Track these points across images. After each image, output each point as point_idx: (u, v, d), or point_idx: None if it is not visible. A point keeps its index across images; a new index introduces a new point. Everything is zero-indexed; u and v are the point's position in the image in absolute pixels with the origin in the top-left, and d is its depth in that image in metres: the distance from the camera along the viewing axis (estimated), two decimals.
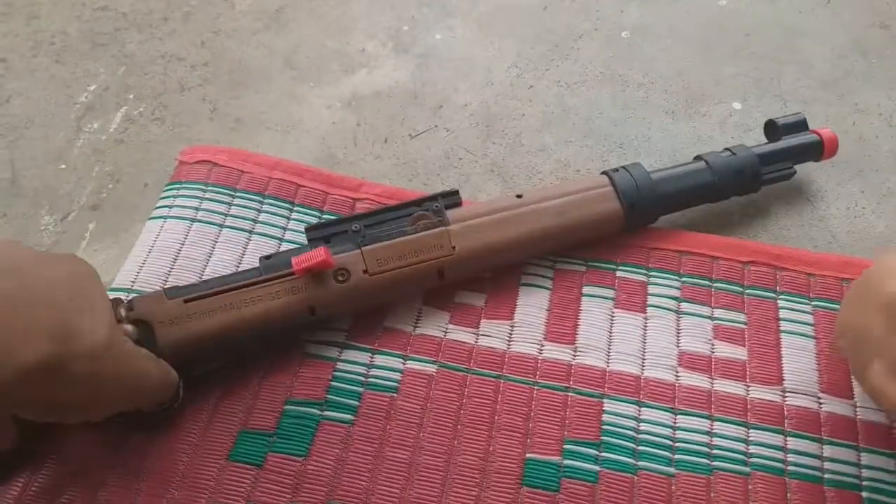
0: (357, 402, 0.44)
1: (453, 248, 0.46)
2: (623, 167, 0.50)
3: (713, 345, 0.47)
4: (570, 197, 0.48)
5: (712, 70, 0.63)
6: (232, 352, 0.44)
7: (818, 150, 0.53)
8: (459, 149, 0.58)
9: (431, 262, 0.45)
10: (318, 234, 0.46)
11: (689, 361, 0.46)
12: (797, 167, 0.53)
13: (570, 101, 0.61)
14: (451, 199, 0.48)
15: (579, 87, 0.62)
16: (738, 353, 0.46)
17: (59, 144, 0.58)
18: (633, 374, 0.45)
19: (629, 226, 0.49)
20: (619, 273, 0.50)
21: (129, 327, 0.41)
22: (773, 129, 0.53)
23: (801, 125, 0.53)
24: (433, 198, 0.47)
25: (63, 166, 0.57)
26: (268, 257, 0.45)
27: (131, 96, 0.62)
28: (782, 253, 0.50)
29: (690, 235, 0.51)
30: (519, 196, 0.48)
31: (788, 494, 0.41)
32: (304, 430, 0.43)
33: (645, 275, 0.50)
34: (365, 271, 0.44)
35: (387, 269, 0.45)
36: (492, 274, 0.50)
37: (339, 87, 0.62)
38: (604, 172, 0.50)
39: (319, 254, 0.43)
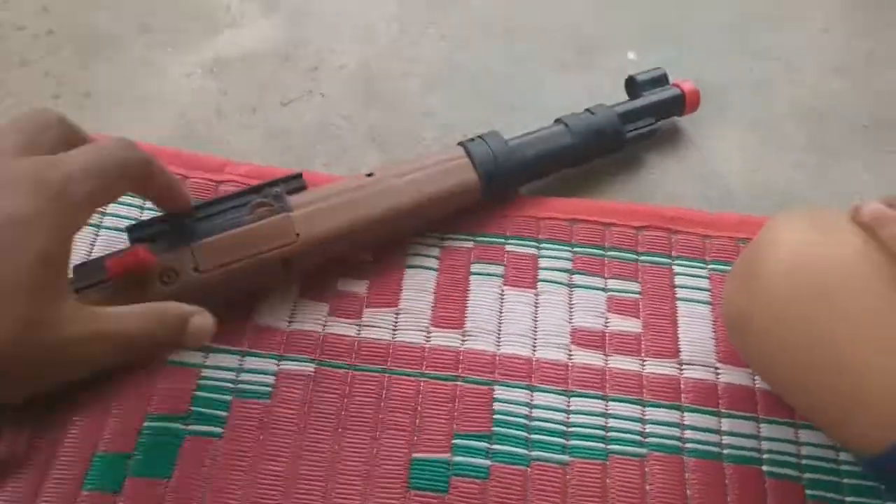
0: (226, 413, 0.40)
1: (297, 235, 0.41)
2: (480, 136, 0.47)
3: (607, 318, 0.44)
4: (424, 171, 0.45)
5: (605, 17, 0.60)
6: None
7: (680, 103, 0.51)
8: (336, 116, 0.53)
9: (273, 252, 0.41)
10: (142, 234, 0.40)
11: (582, 338, 0.43)
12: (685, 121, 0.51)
13: (457, 59, 0.57)
14: (294, 183, 0.43)
15: (466, 42, 0.58)
16: (633, 325, 0.44)
17: None
18: (524, 357, 0.43)
19: (486, 195, 0.47)
20: (508, 247, 0.47)
21: None
22: (632, 86, 0.51)
23: (661, 80, 0.51)
24: (273, 183, 0.42)
25: None
26: (81, 265, 0.39)
27: None
28: (677, 215, 0.48)
29: (581, 202, 0.48)
30: (370, 174, 0.44)
31: (686, 474, 0.39)
32: (167, 449, 0.39)
33: (535, 247, 0.47)
34: (196, 269, 0.39)
35: (222, 265, 0.39)
36: (373, 257, 0.46)
37: (201, 51, 0.56)
38: (460, 143, 0.47)
39: (136, 254, 0.37)
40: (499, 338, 0.43)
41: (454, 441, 0.40)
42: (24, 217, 0.28)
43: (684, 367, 0.43)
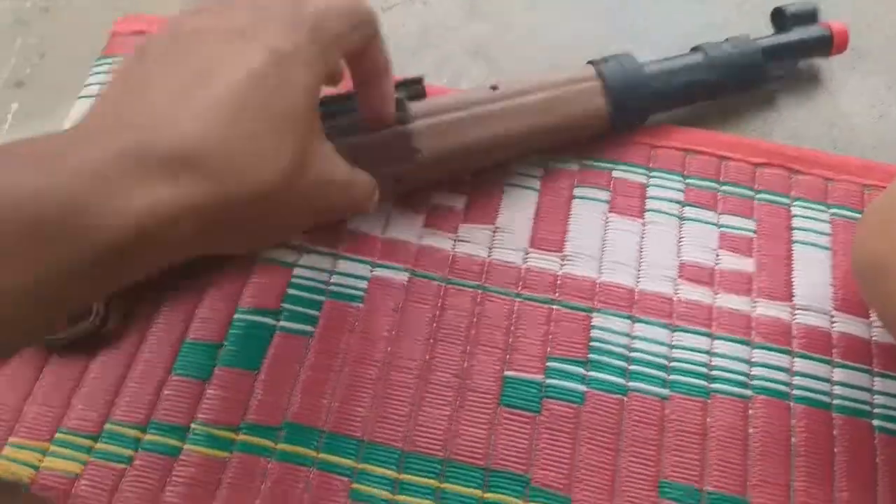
0: (317, 312, 0.39)
1: (417, 150, 0.38)
2: (613, 57, 0.43)
3: (718, 255, 0.42)
4: (553, 91, 0.41)
5: None
6: None
7: (827, 44, 0.47)
8: (439, 25, 0.50)
9: (387, 170, 0.38)
10: None
11: (691, 273, 0.41)
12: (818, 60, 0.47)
13: None
14: (414, 88, 0.40)
15: None
16: (745, 264, 0.41)
17: None
18: (626, 287, 0.41)
19: (616, 125, 0.44)
20: (615, 173, 0.44)
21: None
22: (780, 18, 0.47)
23: (811, 16, 0.47)
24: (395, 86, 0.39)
25: None
26: None
27: None
28: (799, 154, 0.45)
29: (698, 133, 0.45)
30: (494, 87, 0.41)
31: (792, 421, 0.37)
32: (257, 342, 0.39)
33: (645, 175, 0.44)
34: None
35: None
36: (472, 173, 0.44)
37: None
38: (591, 62, 0.43)
39: None
40: (600, 265, 0.41)
41: (548, 363, 0.38)
42: (286, 52, 0.28)
43: (797, 311, 0.40)
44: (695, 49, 0.45)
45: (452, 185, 0.43)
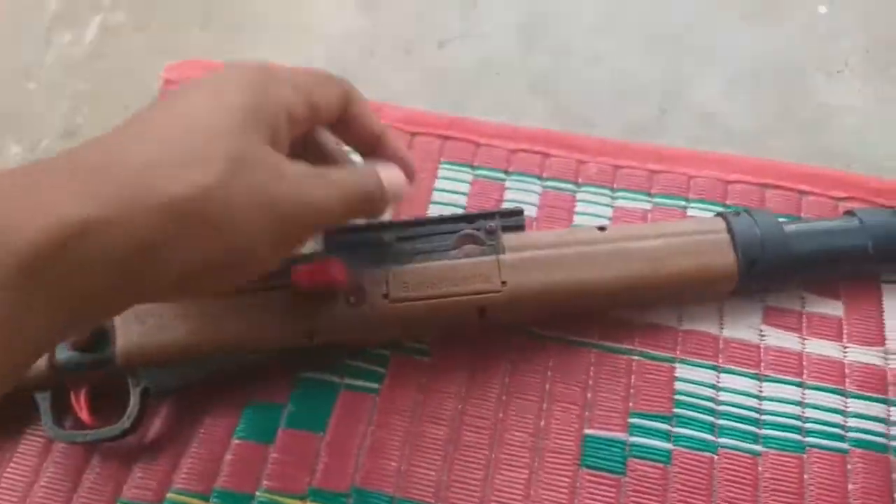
0: (384, 369, 0.38)
1: (503, 283, 0.35)
2: (746, 210, 0.38)
3: (804, 297, 0.39)
4: (669, 239, 0.37)
5: None
6: (206, 370, 0.36)
7: None
8: (496, 59, 0.49)
9: (472, 297, 0.35)
10: (340, 241, 0.36)
11: (776, 318, 0.39)
12: None
13: (628, 1, 0.52)
14: (513, 220, 0.37)
15: None
16: (833, 307, 0.39)
17: (27, 61, 0.50)
18: (710, 334, 0.38)
19: (744, 288, 0.38)
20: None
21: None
22: None
23: None
24: (490, 215, 0.37)
25: (32, 86, 0.49)
26: None
27: (108, 2, 0.53)
28: (882, 187, 0.42)
29: (775, 165, 0.43)
30: (602, 229, 0.37)
31: (893, 475, 0.35)
32: (322, 402, 0.37)
33: (722, 210, 0.42)
34: (385, 296, 0.35)
35: (413, 298, 0.35)
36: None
37: None
38: (719, 214, 0.39)
39: (331, 268, 0.34)
40: (681, 311, 0.39)
41: (630, 420, 0.36)
42: (226, 78, 0.29)
43: (890, 356, 0.38)
44: (848, 213, 0.40)
45: None
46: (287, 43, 0.50)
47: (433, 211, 0.42)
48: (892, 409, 0.36)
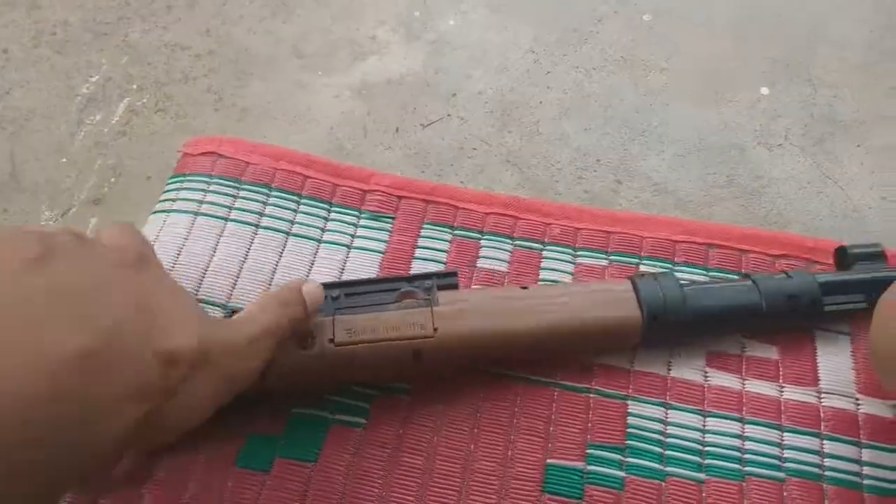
0: (368, 405, 0.42)
1: (435, 329, 0.40)
2: (651, 275, 0.43)
3: (743, 344, 0.44)
4: (583, 295, 0.42)
5: (740, 54, 0.61)
6: None
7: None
8: (474, 138, 0.55)
9: (407, 342, 0.40)
10: None
11: (718, 361, 0.43)
12: None
13: (590, 88, 0.59)
14: (447, 280, 0.43)
15: (598, 72, 0.60)
16: (770, 351, 0.44)
17: (61, 137, 0.57)
18: (659, 375, 0.43)
19: (647, 340, 0.43)
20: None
21: None
22: (842, 258, 0.45)
23: (877, 257, 0.44)
24: (427, 276, 0.42)
25: (64, 160, 0.55)
26: (231, 313, 0.41)
27: (134, 87, 0.60)
28: (816, 245, 0.48)
29: (719, 227, 0.49)
30: (524, 288, 0.42)
31: (826, 501, 0.39)
32: (314, 434, 0.41)
33: (670, 267, 0.47)
34: (331, 340, 0.39)
35: (356, 342, 0.39)
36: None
37: (349, 75, 0.60)
38: (629, 278, 0.43)
39: None
40: (633, 355, 0.44)
41: (588, 451, 0.40)
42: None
43: (823, 395, 0.42)
44: (743, 275, 0.45)
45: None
46: (291, 124, 0.57)
47: (416, 266, 0.48)
48: (825, 442, 0.41)
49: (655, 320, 0.41)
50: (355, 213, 0.50)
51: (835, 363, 0.43)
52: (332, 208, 0.50)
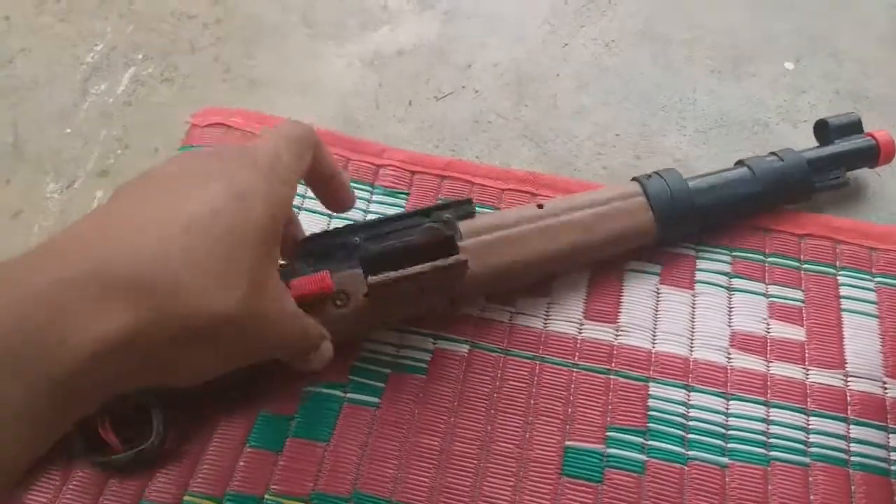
0: (383, 385, 0.41)
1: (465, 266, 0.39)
2: (657, 173, 0.44)
3: (768, 324, 0.43)
4: (597, 209, 0.43)
5: (762, 27, 0.59)
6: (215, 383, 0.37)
7: (873, 155, 0.47)
8: (489, 111, 0.54)
9: (442, 295, 0.40)
10: (312, 247, 0.40)
11: (743, 342, 0.42)
12: None
13: (608, 61, 0.57)
14: (464, 209, 0.42)
15: (617, 45, 0.58)
16: (796, 333, 0.43)
17: (65, 107, 0.55)
18: (681, 356, 0.42)
19: (662, 240, 0.45)
20: (666, 247, 0.46)
21: None
22: (823, 131, 0.47)
23: (854, 126, 0.47)
24: (443, 207, 0.42)
25: (68, 130, 0.54)
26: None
27: (140, 56, 0.58)
28: (842, 225, 0.46)
29: None
30: (540, 206, 0.43)
31: (852, 487, 0.38)
32: (326, 414, 0.40)
33: (693, 249, 0.46)
34: (366, 294, 0.39)
35: (391, 296, 0.39)
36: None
37: (360, 45, 0.58)
38: (635, 179, 0.45)
39: (321, 280, 0.38)
40: (654, 335, 0.43)
41: (608, 433, 0.40)
42: (245, 191, 0.30)
43: (850, 378, 0.41)
44: (739, 163, 0.47)
45: None
46: (301, 95, 0.55)
47: None
48: (851, 426, 0.40)
49: (667, 218, 0.43)
50: (368, 187, 0.49)
51: (862, 345, 0.42)
52: None
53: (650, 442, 0.39)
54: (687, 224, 0.44)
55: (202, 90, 0.56)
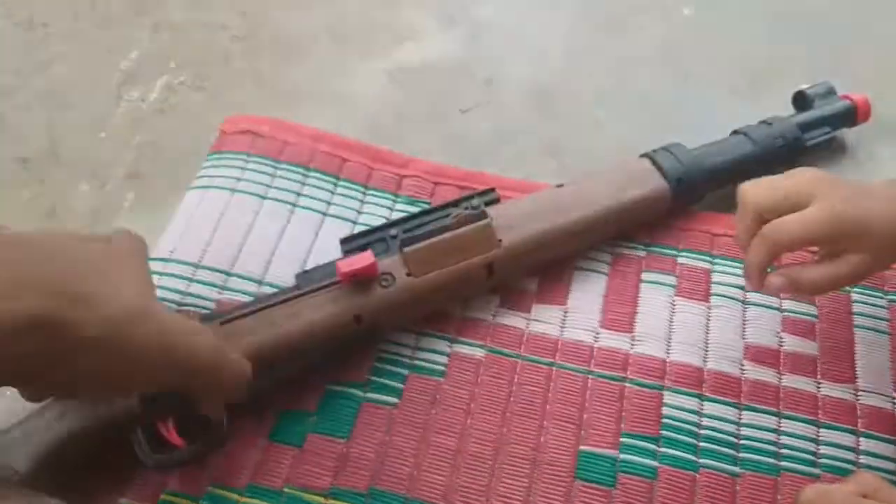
0: (401, 385, 0.42)
1: (499, 241, 0.43)
2: (662, 147, 0.48)
3: (781, 338, 0.44)
4: (614, 180, 0.46)
5: (779, 50, 0.60)
6: (274, 379, 0.41)
7: (852, 114, 0.53)
8: (511, 125, 0.55)
9: (479, 258, 0.42)
10: (354, 245, 0.43)
11: (756, 355, 0.43)
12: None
13: (627, 78, 0.58)
14: (489, 196, 0.45)
15: (636, 63, 0.59)
16: (809, 347, 0.43)
17: (99, 112, 0.57)
18: (695, 366, 0.43)
19: (676, 204, 0.48)
20: (680, 259, 0.47)
21: None
22: (802, 100, 0.53)
23: (830, 93, 0.53)
24: (470, 197, 0.44)
25: (102, 134, 0.56)
26: (304, 272, 0.43)
27: (173, 65, 0.60)
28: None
29: None
30: (559, 185, 0.46)
31: None
32: (345, 411, 0.41)
33: (709, 262, 0.47)
34: (409, 274, 0.41)
35: (432, 270, 0.42)
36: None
37: (386, 59, 0.60)
38: (643, 154, 0.49)
39: (365, 258, 0.40)
40: (669, 345, 0.44)
41: (622, 439, 0.40)
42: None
43: (860, 392, 0.42)
44: (734, 132, 0.51)
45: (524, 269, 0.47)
46: (328, 107, 0.57)
47: None
48: (861, 439, 0.40)
49: (680, 184, 0.47)
50: (391, 196, 0.50)
51: (873, 361, 0.43)
52: (368, 191, 0.50)
53: (663, 449, 0.40)
54: (699, 185, 0.48)
55: (232, 98, 0.58)
